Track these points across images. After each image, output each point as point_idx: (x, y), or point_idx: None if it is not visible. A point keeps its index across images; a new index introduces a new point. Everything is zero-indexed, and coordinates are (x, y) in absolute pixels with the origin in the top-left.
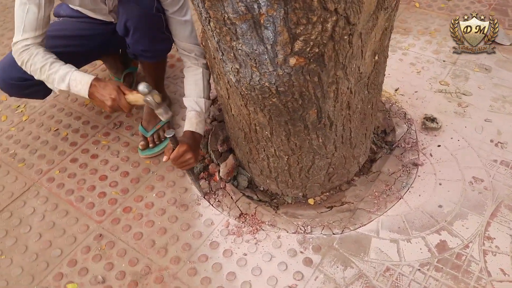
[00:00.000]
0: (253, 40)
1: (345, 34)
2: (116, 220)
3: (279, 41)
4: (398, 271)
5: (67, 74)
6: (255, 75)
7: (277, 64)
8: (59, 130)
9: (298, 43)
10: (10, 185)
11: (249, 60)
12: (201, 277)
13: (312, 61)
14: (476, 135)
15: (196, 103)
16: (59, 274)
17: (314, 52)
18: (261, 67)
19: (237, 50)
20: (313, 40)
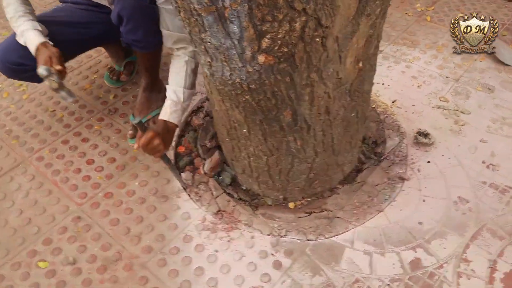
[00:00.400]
0: (220, 33)
1: (317, 36)
2: (96, 204)
3: (245, 37)
4: (367, 284)
5: (24, 32)
6: (226, 70)
7: (245, 60)
8: (56, 111)
9: (266, 40)
10: (1, 160)
11: (219, 54)
12: (170, 269)
13: (282, 61)
14: (469, 155)
15: (175, 92)
16: (33, 251)
17: (283, 51)
18: (230, 62)
19: (206, 42)
20: (281, 39)
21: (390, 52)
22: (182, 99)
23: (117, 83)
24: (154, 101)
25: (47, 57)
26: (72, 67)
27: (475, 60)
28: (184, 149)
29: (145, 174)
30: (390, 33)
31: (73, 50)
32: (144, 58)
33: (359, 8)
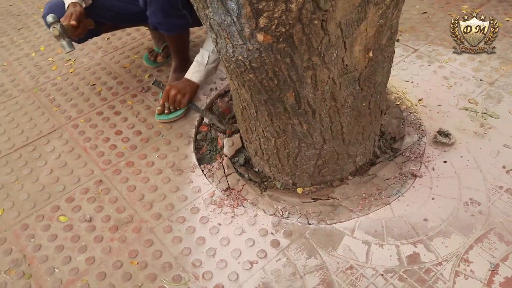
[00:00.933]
0: (220, 10)
1: (315, 19)
2: (118, 171)
3: (243, 14)
4: (360, 272)
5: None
6: (229, 47)
7: (245, 37)
8: (96, 85)
9: (263, 19)
10: (42, 124)
11: (222, 31)
12: (174, 235)
13: (281, 41)
14: (489, 159)
15: (201, 54)
16: (56, 206)
17: (281, 31)
18: (232, 39)
19: (210, 19)
20: (277, 18)
21: (425, 52)
22: (206, 61)
23: (154, 64)
24: None
25: (69, 13)
26: (117, 47)
27: None
28: (206, 129)
29: (165, 148)
30: (429, 32)
31: (113, 20)
32: (171, 41)
33: None
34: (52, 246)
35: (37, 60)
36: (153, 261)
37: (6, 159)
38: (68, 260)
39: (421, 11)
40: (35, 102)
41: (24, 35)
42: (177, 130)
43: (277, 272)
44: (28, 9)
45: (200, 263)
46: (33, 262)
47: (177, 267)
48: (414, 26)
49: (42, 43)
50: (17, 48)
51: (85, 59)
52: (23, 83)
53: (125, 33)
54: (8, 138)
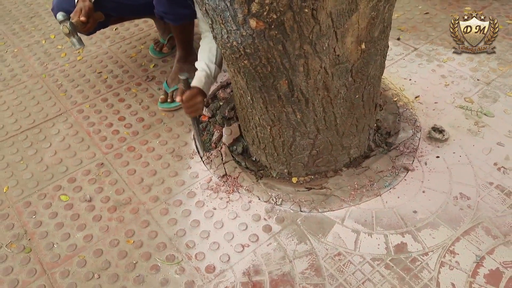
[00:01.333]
0: None
1: (306, 7)
2: (119, 155)
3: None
4: (348, 259)
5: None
6: (223, 32)
7: (238, 23)
8: (102, 73)
9: (254, 5)
10: (48, 108)
11: (217, 16)
12: (170, 217)
13: (273, 28)
14: (481, 155)
15: (207, 66)
16: (58, 186)
17: (272, 18)
18: (226, 24)
19: (205, 4)
20: (268, 4)
21: (425, 51)
22: (212, 74)
23: (159, 54)
24: (186, 72)
25: (78, 9)
26: (124, 37)
27: None
28: (207, 118)
29: (166, 135)
30: (430, 32)
31: (120, 12)
32: (176, 31)
33: None
34: (52, 223)
35: (47, 47)
36: (149, 241)
37: (12, 140)
38: (67, 237)
39: (423, 11)
40: (43, 87)
41: (35, 23)
42: (178, 118)
43: (267, 256)
44: None
45: (193, 244)
46: (33, 237)
47: (171, 247)
48: (415, 26)
49: (52, 31)
50: (28, 35)
51: (93, 47)
52: (32, 68)
53: (132, 24)
54: (16, 120)
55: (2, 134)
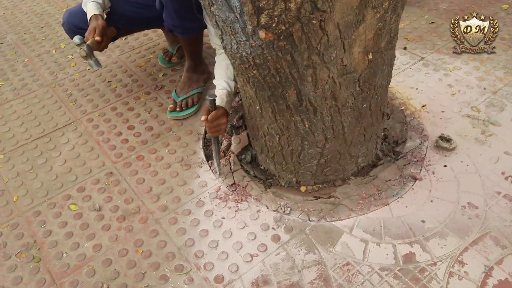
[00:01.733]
0: (224, 7)
1: (314, 19)
2: (128, 164)
3: (245, 12)
4: (357, 268)
5: (87, 2)
6: (233, 43)
7: (248, 34)
8: (111, 82)
9: (264, 16)
10: (58, 117)
11: (226, 27)
12: (179, 227)
13: (282, 39)
14: (489, 165)
15: (227, 83)
16: (68, 195)
17: (281, 29)
18: (236, 35)
19: (215, 15)
20: (277, 16)
21: (431, 60)
22: (233, 91)
23: (168, 64)
24: (195, 81)
25: (92, 28)
26: (133, 47)
27: None
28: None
29: (175, 144)
30: (436, 42)
31: (130, 25)
32: (185, 43)
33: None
34: (62, 233)
35: (57, 57)
36: (157, 250)
37: (22, 149)
38: (76, 246)
39: (430, 21)
40: (53, 96)
41: (46, 33)
42: (187, 127)
43: (276, 266)
44: (51, 8)
45: (202, 254)
46: (43, 247)
47: (180, 257)
48: (422, 35)
49: (62, 41)
50: (39, 45)
51: (103, 57)
52: (43, 78)
53: (142, 33)
54: (26, 129)
55: (12, 143)
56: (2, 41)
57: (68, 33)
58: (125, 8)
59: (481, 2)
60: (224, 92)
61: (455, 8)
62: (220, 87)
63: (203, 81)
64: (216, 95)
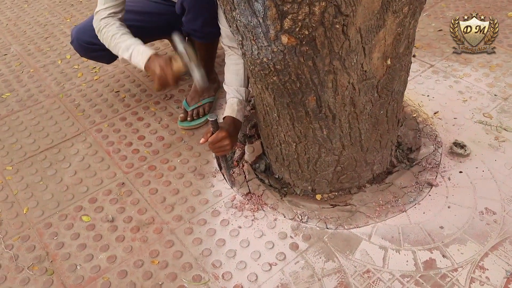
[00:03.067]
0: (247, 11)
1: (337, 23)
2: (140, 174)
3: (268, 16)
4: (377, 276)
5: (132, 45)
6: (254, 49)
7: (270, 39)
8: (119, 92)
9: (287, 21)
10: (66, 128)
11: (247, 32)
12: (195, 237)
13: (304, 43)
14: (504, 170)
15: (237, 91)
16: (79, 206)
17: (304, 34)
18: (257, 41)
19: (237, 20)
20: (301, 21)
21: (441, 67)
22: (244, 98)
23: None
24: (206, 90)
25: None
26: None
27: None
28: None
29: (187, 153)
30: (444, 49)
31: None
32: (201, 49)
33: (384, 3)
34: (74, 244)
35: (63, 68)
36: (174, 261)
37: (31, 160)
38: (90, 258)
39: (437, 28)
40: (61, 107)
41: (50, 44)
42: (199, 137)
43: (295, 274)
44: (55, 19)
45: (220, 263)
46: (55, 259)
47: (197, 267)
48: (430, 43)
49: (68, 51)
50: (44, 56)
51: (110, 67)
52: (49, 89)
53: (148, 44)
54: (34, 141)
55: (20, 155)
56: (7, 52)
57: (79, 50)
58: (138, 18)
59: (487, 9)
60: (235, 101)
61: (462, 16)
62: (230, 95)
63: (214, 90)
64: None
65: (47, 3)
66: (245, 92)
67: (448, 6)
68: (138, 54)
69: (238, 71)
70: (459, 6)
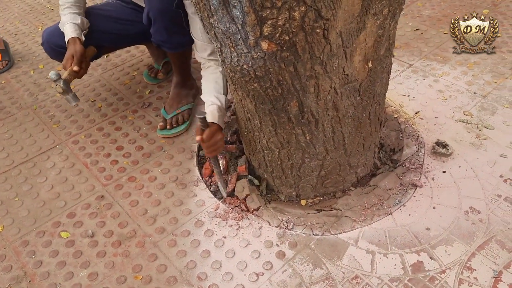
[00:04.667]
0: (225, 18)
1: (317, 28)
2: (120, 186)
3: (247, 22)
4: (366, 281)
5: (64, 23)
6: (233, 56)
7: (250, 45)
8: (95, 101)
9: (267, 27)
10: (41, 140)
11: (226, 39)
12: (179, 249)
13: (285, 49)
14: (486, 168)
15: (217, 98)
16: (57, 222)
17: (285, 39)
18: (237, 48)
19: (215, 27)
20: (281, 26)
21: (420, 67)
22: (224, 105)
23: (154, 80)
24: (184, 97)
25: (69, 55)
26: (116, 64)
27: (506, 79)
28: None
29: (168, 163)
30: (422, 48)
31: (113, 42)
32: (173, 58)
33: (364, 5)
34: (53, 262)
35: (35, 78)
36: (158, 275)
37: (5, 175)
38: (71, 276)
39: (414, 28)
40: (35, 119)
41: (22, 54)
42: (179, 145)
43: (283, 284)
44: (26, 28)
45: (205, 276)
46: (34, 279)
47: (182, 281)
48: (408, 43)
49: (40, 61)
50: (15, 66)
51: (85, 76)
52: (22, 100)
53: (124, 50)
54: (7, 155)
55: None
56: None
57: (49, 53)
58: (108, 25)
59: (462, 7)
60: (215, 108)
61: (438, 15)
62: (209, 103)
63: (193, 96)
64: (206, 112)
65: (17, 11)
66: (225, 100)
67: (424, 5)
68: (65, 34)
69: (217, 79)
70: (435, 5)
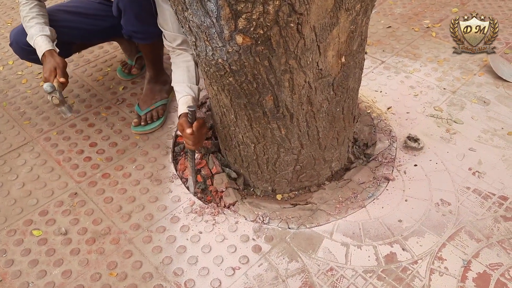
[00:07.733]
0: (200, 11)
1: (292, 22)
2: (93, 183)
3: (222, 16)
4: (340, 273)
5: (34, 36)
6: (208, 50)
7: (225, 39)
8: (68, 98)
9: (241, 20)
10: (12, 138)
11: (201, 33)
12: (154, 245)
13: (259, 43)
14: (456, 161)
15: (190, 88)
16: (29, 220)
17: (259, 33)
18: (212, 41)
19: (189, 21)
20: (256, 20)
21: (392, 63)
22: (197, 96)
23: (128, 76)
24: (158, 93)
25: (52, 67)
26: (89, 60)
27: (474, 75)
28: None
29: (142, 159)
30: (394, 45)
31: (83, 38)
32: (146, 50)
33: (337, 1)
34: (25, 261)
35: (5, 74)
36: (133, 271)
37: None
38: (44, 274)
39: (386, 25)
40: (4, 116)
41: None
42: (154, 141)
43: (259, 277)
44: None
45: (182, 271)
46: (5, 278)
47: (158, 277)
48: (380, 40)
49: (10, 57)
50: None
51: None
52: None
53: (97, 46)
54: None
55: None
56: None
57: (19, 53)
58: (77, 20)
59: (432, 6)
60: (189, 98)
61: (409, 13)
62: (184, 93)
63: (166, 92)
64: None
65: None
66: (198, 90)
67: (396, 3)
68: (37, 48)
69: (189, 68)
70: (406, 3)
